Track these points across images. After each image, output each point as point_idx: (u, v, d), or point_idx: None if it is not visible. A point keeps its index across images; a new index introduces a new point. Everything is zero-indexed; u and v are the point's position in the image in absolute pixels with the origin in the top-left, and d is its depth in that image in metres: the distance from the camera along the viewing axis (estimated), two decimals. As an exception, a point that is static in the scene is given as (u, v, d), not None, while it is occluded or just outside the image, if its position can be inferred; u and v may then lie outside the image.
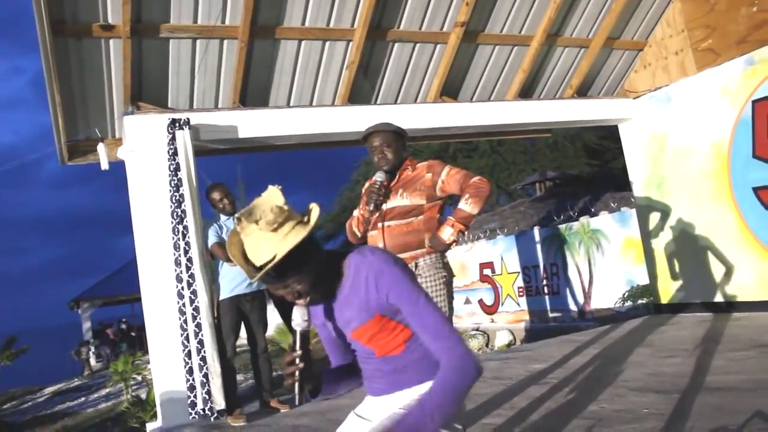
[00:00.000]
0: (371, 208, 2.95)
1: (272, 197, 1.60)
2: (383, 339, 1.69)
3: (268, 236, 1.54)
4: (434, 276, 2.93)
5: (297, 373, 1.62)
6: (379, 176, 2.99)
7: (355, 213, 3.19)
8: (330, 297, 1.72)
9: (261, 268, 1.55)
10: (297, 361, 1.62)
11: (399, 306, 1.63)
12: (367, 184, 3.19)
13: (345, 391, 1.85)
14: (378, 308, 1.65)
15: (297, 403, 1.67)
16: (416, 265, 2.90)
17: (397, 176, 3.06)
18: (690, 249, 6.94)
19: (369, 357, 1.76)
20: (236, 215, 1.59)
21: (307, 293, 1.63)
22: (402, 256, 2.82)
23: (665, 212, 7.20)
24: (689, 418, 3.29)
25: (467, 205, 2.94)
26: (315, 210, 1.62)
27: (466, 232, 2.95)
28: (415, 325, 1.63)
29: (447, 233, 2.91)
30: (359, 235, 3.11)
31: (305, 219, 1.60)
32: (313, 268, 1.61)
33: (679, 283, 7.14)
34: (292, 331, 1.66)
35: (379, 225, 2.96)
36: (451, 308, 2.95)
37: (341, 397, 4.77)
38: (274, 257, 1.52)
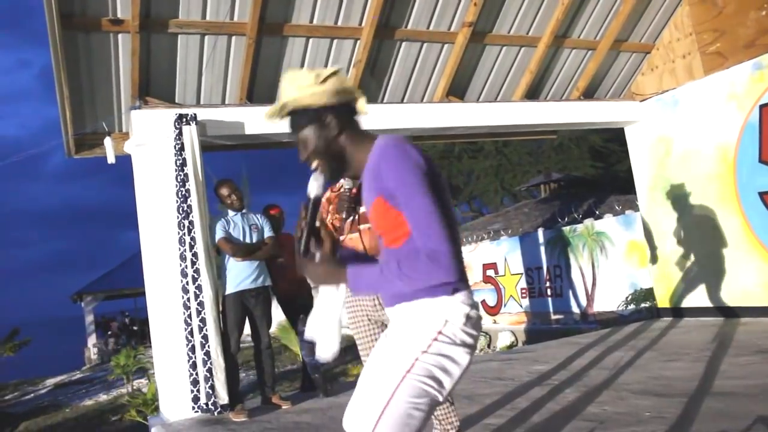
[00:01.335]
0: (345, 216, 2.94)
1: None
2: (385, 225, 1.71)
3: (304, 80, 1.73)
4: None
5: (305, 230, 1.74)
6: (347, 183, 2.99)
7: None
8: (345, 173, 1.84)
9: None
10: (303, 224, 1.73)
11: (396, 194, 1.64)
12: (328, 193, 3.20)
13: (365, 289, 1.79)
14: (381, 190, 1.67)
15: (301, 252, 1.74)
16: None
17: None
18: (694, 253, 6.93)
19: (381, 249, 1.77)
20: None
21: (316, 156, 1.76)
22: None
23: (670, 216, 7.19)
24: (691, 422, 3.29)
25: None
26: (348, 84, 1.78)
27: None
28: (406, 216, 1.64)
29: None
30: None
31: (341, 93, 1.74)
32: (325, 134, 1.76)
33: (683, 287, 7.13)
34: (306, 200, 1.75)
35: (360, 227, 2.95)
36: None
37: (344, 394, 4.79)
38: (289, 101, 1.74)
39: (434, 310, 1.70)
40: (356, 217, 2.96)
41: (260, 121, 5.58)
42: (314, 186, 1.72)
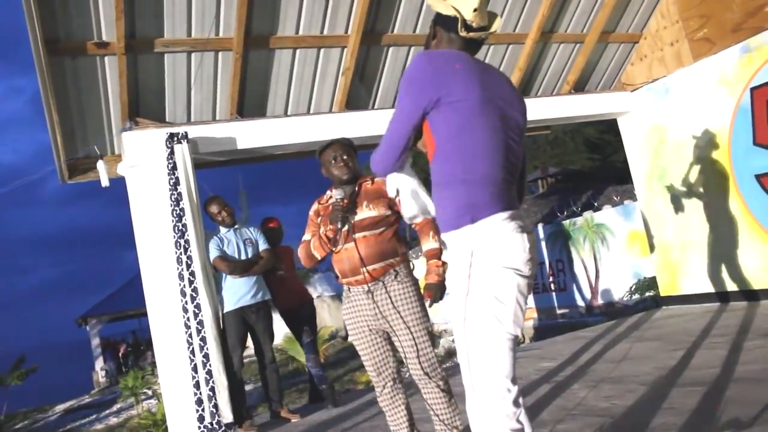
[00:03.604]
0: (339, 226, 2.93)
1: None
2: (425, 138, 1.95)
3: None
4: (413, 282, 3.00)
5: None
6: (338, 194, 2.98)
7: (306, 237, 3.14)
8: None
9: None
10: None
11: None
12: (315, 206, 3.18)
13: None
14: None
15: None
16: (397, 273, 2.92)
17: (357, 190, 3.07)
18: (695, 239, 6.91)
19: None
20: None
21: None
22: (379, 264, 2.89)
23: (668, 204, 7.18)
24: (701, 411, 3.27)
25: (436, 243, 3.10)
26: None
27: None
28: None
29: (441, 272, 3.07)
30: (320, 257, 3.06)
31: (447, 7, 1.97)
32: (428, 35, 2.07)
33: (686, 274, 7.11)
34: None
35: (354, 237, 2.94)
36: (426, 311, 2.96)
37: (352, 404, 4.76)
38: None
39: (460, 245, 1.82)
40: (350, 226, 2.94)
41: (252, 135, 5.60)
42: None
